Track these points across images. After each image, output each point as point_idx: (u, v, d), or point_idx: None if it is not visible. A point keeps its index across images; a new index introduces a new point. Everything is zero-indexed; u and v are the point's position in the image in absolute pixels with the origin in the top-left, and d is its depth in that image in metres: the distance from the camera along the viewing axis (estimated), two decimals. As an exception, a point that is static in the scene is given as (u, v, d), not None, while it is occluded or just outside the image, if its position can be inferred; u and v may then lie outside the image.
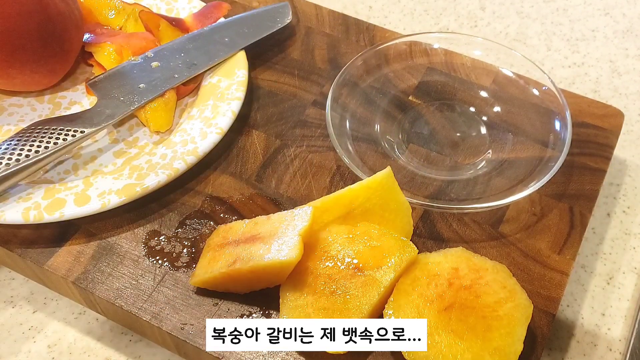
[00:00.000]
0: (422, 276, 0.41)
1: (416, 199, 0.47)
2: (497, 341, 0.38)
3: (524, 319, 0.39)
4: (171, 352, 0.45)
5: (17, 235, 0.46)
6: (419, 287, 0.41)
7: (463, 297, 0.40)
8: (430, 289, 0.41)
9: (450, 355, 0.38)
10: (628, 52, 0.69)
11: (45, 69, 0.52)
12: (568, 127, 0.50)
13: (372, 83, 0.56)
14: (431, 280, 0.41)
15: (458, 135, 0.54)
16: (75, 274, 0.44)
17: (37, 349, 0.45)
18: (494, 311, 0.39)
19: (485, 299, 0.40)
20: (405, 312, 0.40)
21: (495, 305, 0.40)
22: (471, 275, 0.41)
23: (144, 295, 0.44)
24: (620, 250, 0.52)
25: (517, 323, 0.39)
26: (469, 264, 0.42)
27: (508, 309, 0.39)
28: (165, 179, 0.48)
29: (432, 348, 0.38)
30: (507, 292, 0.40)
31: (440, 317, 0.39)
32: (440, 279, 0.41)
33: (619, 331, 0.47)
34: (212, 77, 0.55)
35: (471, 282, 0.41)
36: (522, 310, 0.40)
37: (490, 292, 0.40)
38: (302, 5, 0.64)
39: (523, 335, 0.39)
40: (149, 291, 0.44)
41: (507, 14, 0.73)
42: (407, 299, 0.40)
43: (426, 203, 0.47)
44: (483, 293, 0.40)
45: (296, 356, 0.41)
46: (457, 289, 0.40)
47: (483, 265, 0.42)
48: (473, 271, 0.41)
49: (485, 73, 0.57)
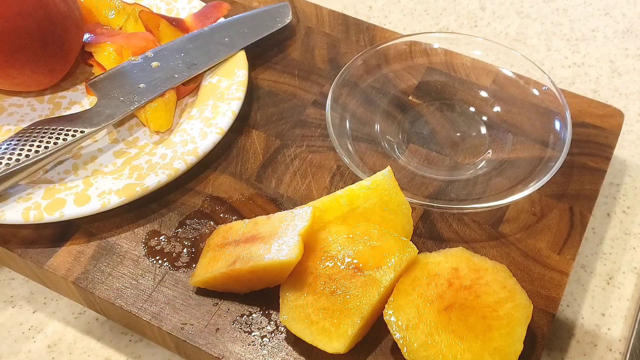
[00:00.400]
0: (422, 276, 0.41)
1: (416, 198, 0.47)
2: (497, 341, 0.38)
3: (524, 319, 0.39)
4: (171, 352, 0.45)
5: (17, 235, 0.46)
6: (419, 287, 0.41)
7: (463, 297, 0.40)
8: (430, 289, 0.41)
9: (450, 355, 0.38)
10: (628, 52, 0.69)
11: (45, 69, 0.52)
12: (568, 127, 0.50)
13: (372, 83, 0.56)
14: (431, 280, 0.41)
15: (458, 135, 0.54)
16: (75, 274, 0.44)
17: (37, 349, 0.45)
18: (494, 311, 0.39)
19: (485, 299, 0.40)
20: (405, 311, 0.40)
21: (495, 305, 0.40)
22: (471, 275, 0.41)
23: (144, 295, 0.44)
24: (620, 250, 0.52)
25: (517, 323, 0.39)
26: (469, 264, 0.42)
27: (508, 309, 0.40)
28: (165, 179, 0.48)
29: (432, 348, 0.38)
30: (507, 292, 0.40)
31: (440, 317, 0.39)
32: (440, 279, 0.41)
33: (619, 331, 0.47)
34: (212, 77, 0.55)
35: (471, 282, 0.41)
36: (522, 310, 0.40)
37: (490, 292, 0.40)
38: (302, 5, 0.64)
39: (523, 335, 0.39)
40: (149, 291, 0.44)
41: (507, 14, 0.73)
42: (407, 298, 0.40)
43: (426, 203, 0.47)
44: (483, 293, 0.40)
45: (296, 356, 0.41)
46: (457, 289, 0.40)
47: (483, 265, 0.42)
48: (473, 271, 0.41)
49: (485, 73, 0.57)
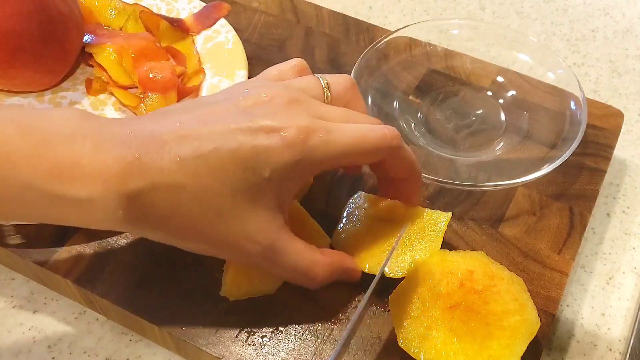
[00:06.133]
0: (436, 271, 0.41)
1: (430, 175, 0.48)
2: (495, 350, 0.38)
3: (527, 334, 0.39)
4: (171, 352, 0.45)
5: (17, 235, 0.46)
6: (430, 281, 0.41)
7: (471, 300, 0.40)
8: (441, 285, 0.41)
9: (443, 352, 0.38)
10: (628, 52, 0.69)
11: (46, 69, 0.52)
12: (583, 106, 0.50)
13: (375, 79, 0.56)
14: (444, 277, 0.41)
15: (473, 119, 0.55)
16: (75, 274, 0.44)
17: (37, 349, 0.45)
18: (498, 320, 0.39)
19: (493, 307, 0.40)
20: (410, 301, 0.40)
21: (501, 314, 0.39)
22: (485, 281, 0.41)
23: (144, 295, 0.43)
24: (620, 250, 0.52)
25: (520, 338, 0.38)
26: (486, 270, 0.41)
27: (514, 321, 0.39)
28: (165, 179, 0.47)
29: (427, 341, 0.38)
30: (517, 305, 0.40)
31: (443, 313, 0.39)
32: (453, 278, 0.41)
33: (619, 331, 0.47)
34: (213, 77, 0.55)
35: (483, 288, 0.40)
36: (528, 326, 0.39)
37: (500, 301, 0.40)
38: (302, 5, 0.64)
39: (522, 351, 0.38)
40: (149, 291, 0.44)
41: (507, 14, 0.73)
42: (416, 289, 0.40)
43: (440, 179, 0.47)
44: (492, 300, 0.40)
45: (296, 356, 0.41)
46: (467, 291, 0.40)
47: (499, 274, 0.41)
48: (488, 277, 0.41)
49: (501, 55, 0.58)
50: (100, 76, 0.55)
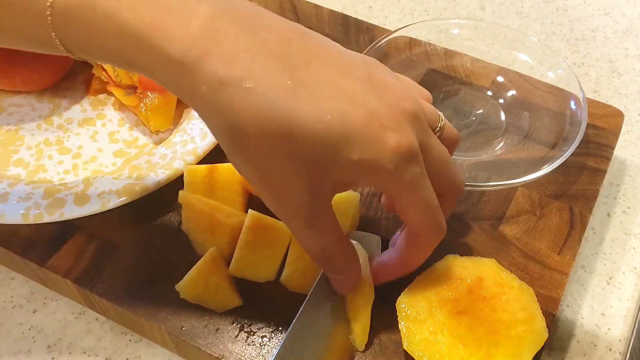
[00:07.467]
0: (445, 276, 0.41)
1: None
2: (500, 359, 0.38)
3: (534, 345, 0.38)
4: (171, 352, 0.45)
5: (17, 235, 0.46)
6: (439, 285, 0.41)
7: (479, 307, 0.40)
8: (450, 291, 0.40)
9: (447, 357, 0.38)
10: (628, 52, 0.69)
11: (45, 69, 0.52)
12: (583, 106, 0.50)
13: None
14: (453, 283, 0.41)
15: (474, 119, 0.54)
16: (75, 274, 0.44)
17: (37, 349, 0.45)
18: (506, 329, 0.39)
19: (501, 315, 0.39)
20: (418, 304, 0.40)
21: (509, 323, 0.39)
22: (494, 289, 0.41)
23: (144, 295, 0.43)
24: (620, 250, 0.52)
25: (527, 348, 0.38)
26: (496, 278, 0.41)
27: (521, 331, 0.39)
28: (165, 178, 0.47)
29: (432, 345, 0.38)
30: (526, 314, 0.39)
31: (450, 319, 0.39)
32: (462, 284, 0.41)
33: (619, 331, 0.47)
34: (212, 77, 0.55)
35: (492, 295, 0.40)
36: (536, 337, 0.39)
37: (509, 310, 0.40)
38: (302, 5, 0.64)
39: None
40: (149, 291, 0.44)
41: (507, 14, 0.73)
42: (424, 293, 0.40)
43: None
44: (500, 309, 0.40)
45: (296, 356, 0.41)
46: (475, 298, 0.40)
47: (509, 283, 0.41)
48: (498, 285, 0.41)
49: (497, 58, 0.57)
50: (100, 76, 0.55)
